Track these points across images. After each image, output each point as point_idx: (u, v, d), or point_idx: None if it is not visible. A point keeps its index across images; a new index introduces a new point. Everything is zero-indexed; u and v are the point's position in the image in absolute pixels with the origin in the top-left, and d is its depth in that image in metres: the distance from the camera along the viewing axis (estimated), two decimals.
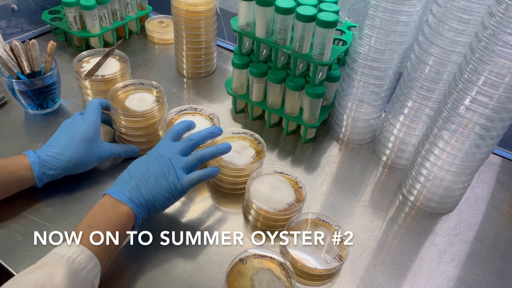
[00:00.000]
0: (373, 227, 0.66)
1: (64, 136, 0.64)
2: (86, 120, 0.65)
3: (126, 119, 0.69)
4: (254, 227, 0.64)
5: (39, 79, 0.76)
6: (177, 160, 0.58)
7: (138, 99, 0.72)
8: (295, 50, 0.70)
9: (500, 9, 0.48)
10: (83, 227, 0.50)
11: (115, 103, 0.71)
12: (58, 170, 0.62)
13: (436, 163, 0.64)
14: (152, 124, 0.71)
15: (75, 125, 0.65)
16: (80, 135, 0.64)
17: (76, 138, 0.63)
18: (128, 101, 0.72)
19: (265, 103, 0.81)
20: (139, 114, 0.69)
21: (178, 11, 0.86)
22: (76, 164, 0.63)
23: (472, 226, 0.69)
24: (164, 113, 0.73)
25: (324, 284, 0.58)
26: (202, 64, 0.94)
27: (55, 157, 0.62)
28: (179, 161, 0.58)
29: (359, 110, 0.77)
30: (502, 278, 0.61)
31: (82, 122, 0.65)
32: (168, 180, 0.56)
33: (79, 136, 0.63)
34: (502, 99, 0.53)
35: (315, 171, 0.75)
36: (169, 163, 0.57)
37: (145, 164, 0.57)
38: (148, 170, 0.56)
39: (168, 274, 0.57)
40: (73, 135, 0.64)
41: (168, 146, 0.59)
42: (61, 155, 0.62)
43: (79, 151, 0.63)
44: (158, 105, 0.70)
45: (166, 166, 0.56)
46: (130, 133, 0.70)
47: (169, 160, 0.57)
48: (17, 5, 0.99)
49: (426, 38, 0.61)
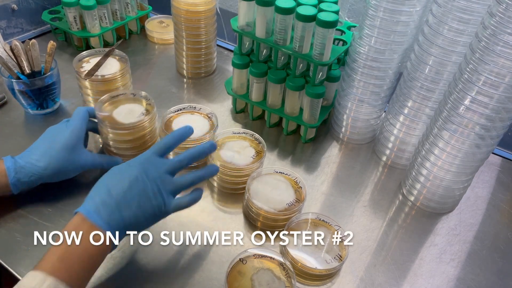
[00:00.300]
0: (373, 227, 0.66)
1: (44, 143, 0.61)
2: (69, 127, 0.62)
3: (113, 132, 0.66)
4: (254, 227, 0.64)
5: (39, 79, 0.76)
6: (165, 182, 0.52)
7: (126, 110, 0.69)
8: (295, 50, 0.70)
9: (500, 9, 0.48)
10: (54, 258, 0.45)
11: (102, 114, 0.68)
12: (35, 177, 0.59)
13: (436, 163, 0.64)
14: (141, 137, 0.69)
15: (57, 132, 0.62)
16: (61, 142, 0.61)
17: (57, 145, 0.60)
18: (116, 112, 0.69)
19: (265, 103, 0.81)
20: (127, 127, 0.66)
21: (178, 11, 0.86)
22: (54, 172, 0.60)
23: (472, 226, 0.69)
24: (154, 124, 0.71)
25: (324, 284, 0.58)
26: (202, 64, 0.94)
27: (32, 163, 0.59)
28: (167, 184, 0.52)
29: (359, 110, 0.77)
30: (502, 278, 0.61)
31: (65, 129, 0.62)
32: (153, 204, 0.50)
33: (60, 143, 0.60)
34: (502, 99, 0.53)
35: (315, 171, 0.75)
36: (155, 186, 0.51)
37: (128, 181, 0.50)
38: (131, 189, 0.50)
39: (168, 274, 0.57)
40: (54, 142, 0.61)
41: (155, 164, 0.53)
42: (39, 162, 0.59)
43: (58, 159, 0.60)
44: (148, 117, 0.68)
45: (152, 188, 0.50)
46: (118, 146, 0.68)
47: (155, 181, 0.51)
48: (17, 5, 0.99)
49: (426, 38, 0.61)
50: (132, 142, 0.68)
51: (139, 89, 0.88)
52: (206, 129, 0.71)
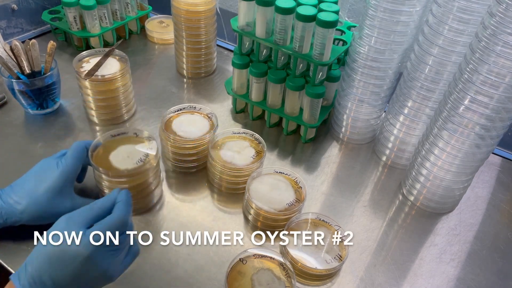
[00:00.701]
0: (373, 227, 0.66)
1: (31, 180, 0.56)
2: (60, 166, 0.56)
3: (109, 180, 0.58)
4: (254, 227, 0.64)
5: (39, 79, 0.76)
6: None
7: (125, 154, 0.61)
8: (295, 50, 0.70)
9: (500, 9, 0.48)
10: None
11: (96, 159, 0.60)
12: (10, 220, 0.54)
13: (436, 163, 0.64)
14: (141, 183, 0.60)
15: (48, 169, 0.56)
16: (47, 183, 0.55)
17: (42, 186, 0.54)
18: (113, 155, 0.61)
19: (265, 103, 0.81)
20: (121, 174, 0.58)
21: (178, 11, 0.86)
22: (32, 217, 0.54)
23: (472, 226, 0.69)
24: (158, 172, 0.64)
25: (324, 284, 0.58)
26: (202, 64, 0.94)
27: (11, 204, 0.54)
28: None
29: (359, 110, 0.77)
30: (502, 278, 0.61)
31: (56, 168, 0.56)
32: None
33: (46, 184, 0.55)
34: (502, 99, 0.53)
35: (315, 171, 0.75)
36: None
37: (72, 272, 0.43)
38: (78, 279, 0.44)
39: (168, 274, 0.57)
40: (40, 181, 0.55)
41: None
42: (18, 204, 0.54)
43: (40, 202, 0.54)
44: (148, 164, 0.59)
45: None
46: None
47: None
48: (17, 5, 0.99)
49: (426, 38, 0.61)
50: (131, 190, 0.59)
51: (139, 89, 0.88)
52: (206, 129, 0.71)
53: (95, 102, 0.77)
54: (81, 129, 0.79)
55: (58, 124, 0.79)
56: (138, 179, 0.60)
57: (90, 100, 0.77)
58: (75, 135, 0.77)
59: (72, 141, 0.76)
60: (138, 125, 0.81)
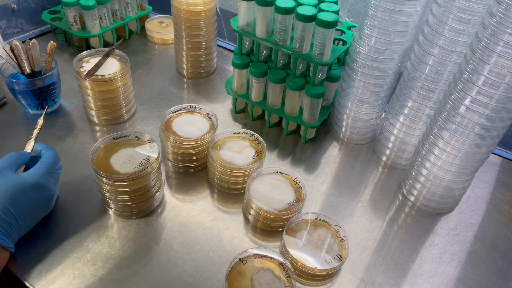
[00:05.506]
0: (373, 227, 0.66)
1: None
2: None
3: (110, 183, 0.58)
4: (254, 227, 0.64)
5: (39, 79, 0.76)
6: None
7: (126, 157, 0.61)
8: (295, 50, 0.70)
9: (500, 9, 0.48)
10: None
11: (97, 162, 0.60)
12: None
13: (436, 163, 0.64)
14: (143, 187, 0.60)
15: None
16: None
17: None
18: (114, 158, 0.61)
19: (265, 103, 0.81)
20: (120, 177, 0.58)
21: (178, 11, 0.86)
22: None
23: (472, 226, 0.69)
24: (159, 176, 0.64)
25: (324, 284, 0.58)
26: (202, 64, 0.94)
27: None
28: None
29: (359, 110, 0.77)
30: (502, 278, 0.61)
31: None
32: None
33: None
34: (502, 99, 0.53)
35: (315, 171, 0.75)
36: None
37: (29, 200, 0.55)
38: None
39: (168, 274, 0.57)
40: None
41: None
42: None
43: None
44: (150, 167, 0.59)
45: None
46: (116, 197, 0.60)
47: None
48: (17, 5, 0.99)
49: (426, 38, 0.61)
50: (132, 193, 0.60)
51: (139, 89, 0.88)
52: (206, 129, 0.71)
53: (95, 102, 0.77)
54: (81, 129, 0.79)
55: (58, 124, 0.79)
56: (139, 182, 0.60)
57: (90, 100, 0.77)
58: (75, 135, 0.77)
59: (72, 141, 0.76)
60: (138, 125, 0.81)
